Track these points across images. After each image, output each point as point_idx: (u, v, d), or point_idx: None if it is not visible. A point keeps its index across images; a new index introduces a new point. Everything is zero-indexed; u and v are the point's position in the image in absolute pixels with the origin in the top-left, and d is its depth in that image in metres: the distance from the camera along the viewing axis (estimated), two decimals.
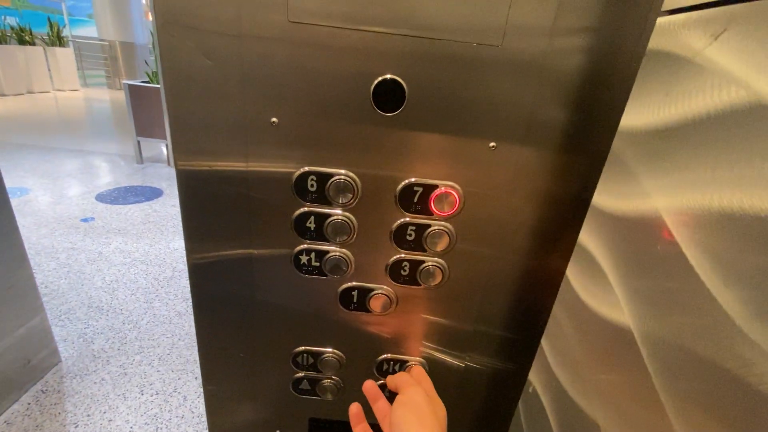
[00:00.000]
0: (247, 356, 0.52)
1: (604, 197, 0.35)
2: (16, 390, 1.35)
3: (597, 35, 0.35)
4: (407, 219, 0.43)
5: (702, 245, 0.24)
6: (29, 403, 1.33)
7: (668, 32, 0.29)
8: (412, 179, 0.41)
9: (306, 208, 0.42)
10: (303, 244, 0.44)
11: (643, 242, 0.29)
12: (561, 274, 0.40)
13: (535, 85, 0.37)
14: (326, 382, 0.53)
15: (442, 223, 0.43)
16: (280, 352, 0.51)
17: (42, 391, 1.38)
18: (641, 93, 0.31)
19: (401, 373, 0.47)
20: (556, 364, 0.41)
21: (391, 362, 0.51)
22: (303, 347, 0.51)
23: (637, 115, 0.31)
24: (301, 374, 0.53)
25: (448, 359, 0.51)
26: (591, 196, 0.36)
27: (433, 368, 0.52)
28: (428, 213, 0.42)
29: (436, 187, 0.41)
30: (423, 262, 0.45)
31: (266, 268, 0.46)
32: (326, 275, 0.45)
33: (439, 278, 0.45)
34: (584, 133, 0.39)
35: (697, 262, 0.24)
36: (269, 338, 0.50)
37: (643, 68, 0.32)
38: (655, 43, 0.31)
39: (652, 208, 0.28)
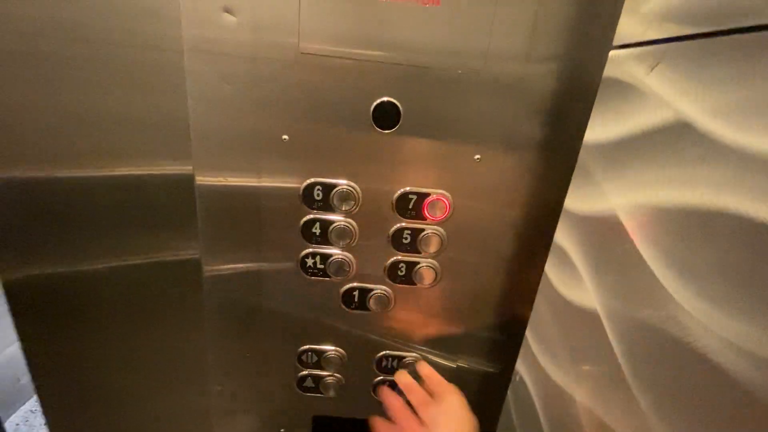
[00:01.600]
0: (252, 356, 0.55)
1: (573, 200, 0.40)
2: (5, 409, 1.32)
3: (563, 64, 0.42)
4: (403, 224, 0.48)
5: (648, 236, 0.29)
6: (18, 424, 1.30)
7: (618, 63, 0.35)
8: (407, 188, 0.46)
9: (312, 215, 0.47)
10: (309, 248, 0.49)
11: (603, 237, 0.34)
12: (541, 269, 0.45)
13: (513, 105, 0.43)
14: (329, 379, 0.56)
15: (435, 227, 0.48)
16: (286, 351, 0.55)
17: (31, 411, 1.36)
18: (599, 112, 0.37)
19: (435, 373, 0.52)
20: (538, 352, 0.46)
21: (390, 358, 0.55)
22: (307, 346, 0.54)
23: (597, 130, 0.37)
24: (305, 372, 0.56)
25: (443, 352, 0.56)
26: (563, 200, 0.42)
27: (429, 361, 0.56)
28: (422, 218, 0.47)
29: (428, 195, 0.46)
30: (418, 263, 0.49)
31: (275, 272, 0.50)
32: (330, 277, 0.50)
33: (432, 278, 0.50)
34: (556, 146, 0.45)
35: (645, 250, 0.29)
36: (277, 338, 0.54)
37: (600, 92, 0.38)
38: (608, 71, 0.37)
39: (609, 207, 0.33)
